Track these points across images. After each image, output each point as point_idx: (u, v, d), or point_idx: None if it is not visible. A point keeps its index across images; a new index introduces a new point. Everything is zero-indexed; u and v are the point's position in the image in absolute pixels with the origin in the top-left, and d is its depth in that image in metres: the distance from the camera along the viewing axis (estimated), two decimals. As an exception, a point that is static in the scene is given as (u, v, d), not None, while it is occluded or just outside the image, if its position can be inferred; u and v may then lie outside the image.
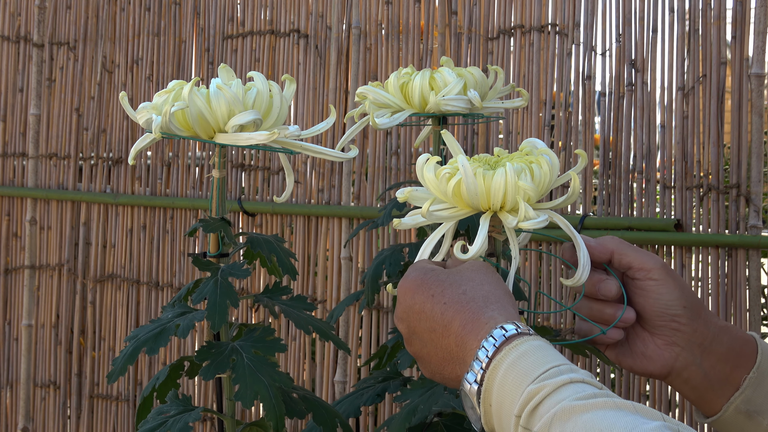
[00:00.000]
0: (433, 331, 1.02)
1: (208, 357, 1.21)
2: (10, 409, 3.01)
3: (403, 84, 1.40)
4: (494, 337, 0.96)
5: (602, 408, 0.86)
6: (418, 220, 1.07)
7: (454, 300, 1.01)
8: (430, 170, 1.06)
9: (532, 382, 0.91)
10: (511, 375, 0.92)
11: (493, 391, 0.94)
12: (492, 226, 1.07)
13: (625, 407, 0.86)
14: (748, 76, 2.00)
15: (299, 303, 1.32)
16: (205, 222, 1.24)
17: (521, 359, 0.93)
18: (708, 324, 1.11)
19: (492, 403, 0.94)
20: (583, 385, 0.89)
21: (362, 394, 1.47)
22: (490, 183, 1.03)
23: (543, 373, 0.91)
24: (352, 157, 1.24)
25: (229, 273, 1.23)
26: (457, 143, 1.09)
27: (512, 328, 0.96)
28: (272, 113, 1.20)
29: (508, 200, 1.04)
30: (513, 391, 0.92)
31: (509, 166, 1.03)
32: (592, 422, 0.84)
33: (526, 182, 1.02)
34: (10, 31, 2.99)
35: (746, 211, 2.00)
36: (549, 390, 0.89)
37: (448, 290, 1.02)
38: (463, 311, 1.00)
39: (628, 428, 0.82)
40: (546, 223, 1.02)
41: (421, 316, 1.03)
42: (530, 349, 0.94)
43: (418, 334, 1.04)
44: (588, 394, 0.88)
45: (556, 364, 0.92)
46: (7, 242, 3.01)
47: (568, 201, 1.07)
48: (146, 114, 1.20)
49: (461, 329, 0.99)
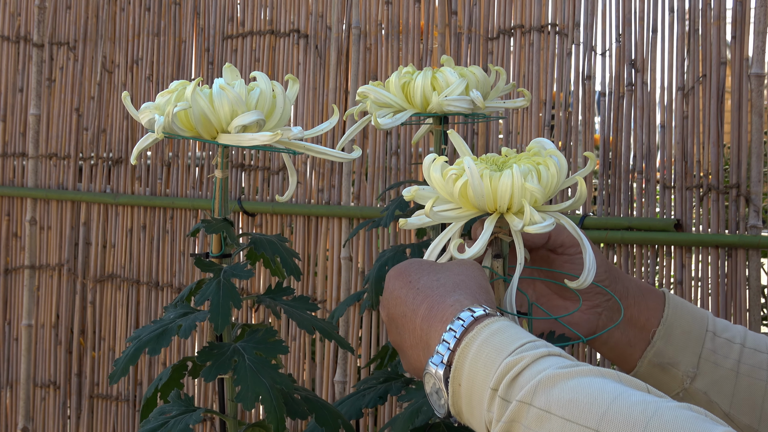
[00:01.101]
0: (404, 316, 1.02)
1: (210, 358, 1.21)
2: (10, 409, 3.01)
3: (404, 83, 1.39)
4: (462, 319, 0.95)
5: (587, 375, 0.85)
6: (424, 220, 1.07)
7: (427, 286, 1.01)
8: (437, 170, 1.05)
9: (509, 355, 0.90)
10: (485, 351, 0.91)
11: (464, 369, 0.93)
12: (499, 227, 1.06)
13: (610, 375, 0.86)
14: (748, 76, 2.00)
15: (302, 303, 1.32)
16: (208, 222, 1.24)
17: (494, 336, 0.92)
18: (626, 287, 1.19)
19: (462, 382, 0.93)
20: (561, 359, 0.89)
21: (364, 395, 1.47)
22: (497, 185, 1.02)
23: (519, 346, 0.90)
24: (355, 157, 1.24)
25: (232, 274, 1.23)
26: (464, 143, 1.09)
27: (480, 310, 0.96)
28: (275, 114, 1.20)
29: (515, 202, 1.03)
30: (487, 366, 0.91)
31: (516, 168, 1.02)
32: (580, 387, 0.83)
33: (533, 184, 1.02)
34: (10, 31, 2.99)
35: (746, 211, 2.00)
36: (528, 361, 0.88)
37: (424, 277, 1.02)
38: (431, 296, 1.00)
39: (616, 394, 0.82)
40: (553, 227, 1.01)
41: (398, 301, 1.03)
42: (503, 326, 0.93)
43: (395, 320, 1.04)
44: (570, 364, 0.87)
45: (530, 340, 0.92)
46: (7, 242, 3.01)
47: (575, 205, 1.07)
48: (149, 114, 1.20)
49: (427, 313, 0.99)
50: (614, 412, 0.80)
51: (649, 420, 0.79)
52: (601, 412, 0.81)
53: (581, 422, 0.81)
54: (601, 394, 0.82)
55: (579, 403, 0.82)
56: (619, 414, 0.80)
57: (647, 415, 0.79)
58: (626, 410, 0.80)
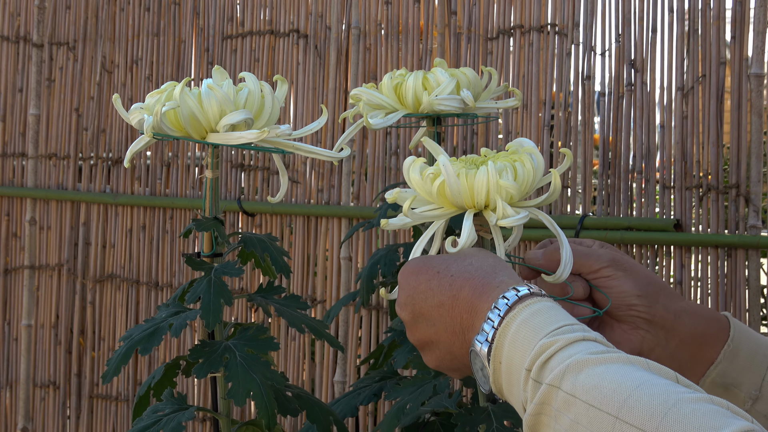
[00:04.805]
0: (442, 305, 1.02)
1: (201, 356, 1.21)
2: (10, 410, 3.01)
3: (396, 85, 1.41)
4: (507, 297, 0.96)
5: (616, 362, 0.86)
6: (405, 221, 1.08)
7: (462, 270, 1.01)
8: (416, 171, 1.07)
9: (545, 336, 0.91)
10: (523, 331, 0.93)
11: (504, 348, 0.94)
12: (480, 225, 1.08)
13: (639, 363, 0.87)
14: (748, 76, 2.00)
15: (293, 302, 1.32)
16: (198, 222, 1.24)
17: (534, 316, 0.93)
18: (668, 308, 1.16)
19: (502, 360, 0.94)
20: (596, 344, 0.90)
21: (359, 393, 1.47)
22: (473, 182, 1.04)
23: (557, 329, 0.91)
24: (343, 156, 1.24)
25: (223, 272, 1.23)
26: (436, 145, 1.11)
27: (524, 288, 0.97)
28: (264, 113, 1.20)
29: (492, 198, 1.05)
30: (524, 346, 0.92)
31: (491, 165, 1.04)
32: (606, 374, 0.85)
33: (507, 180, 1.03)
34: (10, 31, 2.99)
35: (746, 211, 2.00)
36: (562, 344, 0.89)
37: (453, 265, 1.02)
38: (473, 279, 1.00)
39: (643, 380, 0.83)
40: (526, 219, 1.03)
41: (428, 294, 1.03)
42: (544, 308, 0.94)
43: (424, 314, 1.04)
44: (601, 350, 0.88)
45: (569, 323, 0.93)
46: (7, 242, 3.02)
47: (549, 199, 1.08)
48: (138, 115, 1.20)
49: (471, 295, 0.99)
50: (635, 401, 0.81)
51: (667, 411, 0.80)
52: (622, 400, 0.82)
53: (603, 408, 0.83)
54: (625, 381, 0.83)
55: (602, 389, 0.83)
56: (639, 402, 0.81)
57: (667, 405, 0.80)
58: (647, 399, 0.81)
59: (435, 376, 1.33)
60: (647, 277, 1.16)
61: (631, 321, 1.15)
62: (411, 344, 1.44)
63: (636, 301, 1.14)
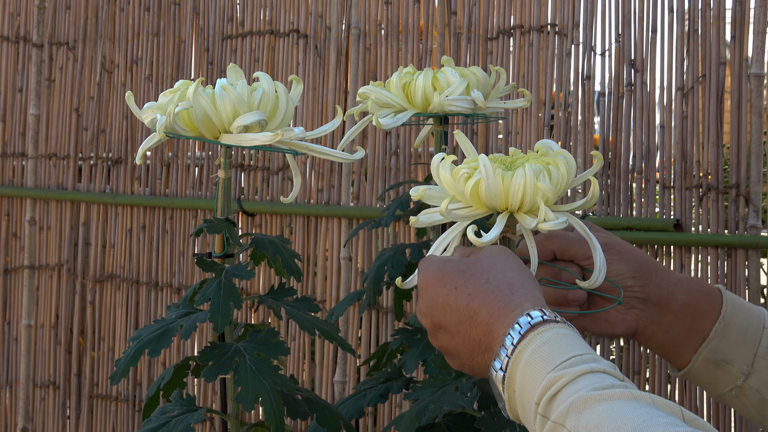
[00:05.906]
0: (461, 323, 1.02)
1: (211, 358, 1.21)
2: (10, 410, 3.01)
3: (405, 84, 1.40)
4: (520, 324, 0.96)
5: (618, 399, 0.87)
6: (434, 219, 1.07)
7: (478, 290, 1.01)
8: (446, 170, 1.06)
9: (553, 369, 0.91)
10: (533, 361, 0.93)
11: (516, 377, 0.95)
12: (507, 227, 1.07)
13: (642, 398, 0.87)
14: (748, 76, 2.00)
15: (304, 304, 1.32)
16: (210, 223, 1.24)
17: (544, 346, 0.94)
18: (660, 285, 1.19)
19: (515, 389, 0.95)
20: (603, 376, 0.91)
21: (365, 395, 1.47)
22: (509, 184, 1.03)
23: (565, 361, 0.92)
24: (358, 158, 1.24)
25: (233, 274, 1.22)
26: (470, 143, 1.09)
27: (538, 315, 0.97)
28: (278, 114, 1.20)
29: (527, 201, 1.04)
30: (534, 378, 0.93)
31: (528, 167, 1.02)
32: (607, 413, 0.85)
33: (544, 183, 1.03)
34: (10, 31, 2.99)
35: (745, 211, 2.00)
36: (568, 378, 0.90)
37: (470, 281, 1.02)
38: (489, 301, 1.00)
39: (643, 419, 0.84)
40: (565, 224, 1.03)
41: (446, 309, 1.03)
42: (554, 336, 0.95)
43: (444, 327, 1.04)
44: (606, 385, 0.89)
45: (578, 353, 0.93)
46: (7, 242, 3.01)
47: (587, 204, 1.08)
48: (151, 114, 1.20)
49: (488, 318, 0.99)
50: None
51: None
52: None
53: None
54: (626, 421, 0.84)
55: (603, 430, 0.84)
56: None
57: None
58: None
59: (456, 377, 1.34)
60: (639, 257, 1.19)
61: (626, 301, 1.17)
62: (421, 349, 1.45)
63: (631, 282, 1.17)
